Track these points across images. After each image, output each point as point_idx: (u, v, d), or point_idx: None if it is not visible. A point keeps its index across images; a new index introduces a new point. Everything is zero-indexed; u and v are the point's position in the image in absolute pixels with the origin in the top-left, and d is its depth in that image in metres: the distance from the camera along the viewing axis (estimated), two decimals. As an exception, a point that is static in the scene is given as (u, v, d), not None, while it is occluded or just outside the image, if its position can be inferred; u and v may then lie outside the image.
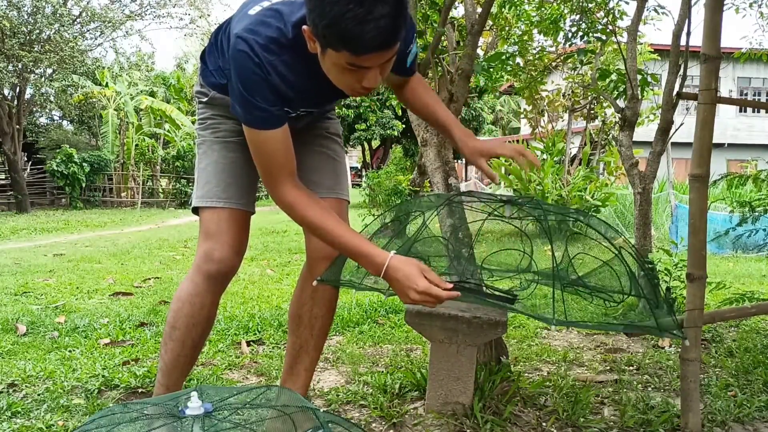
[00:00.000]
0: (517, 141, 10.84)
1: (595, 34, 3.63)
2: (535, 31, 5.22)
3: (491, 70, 3.18)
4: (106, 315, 3.47)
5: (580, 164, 10.21)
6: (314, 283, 1.67)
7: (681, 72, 2.52)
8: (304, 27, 1.33)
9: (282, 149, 1.47)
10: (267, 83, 1.39)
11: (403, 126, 22.26)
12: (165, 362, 1.70)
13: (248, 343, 2.93)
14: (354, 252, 1.48)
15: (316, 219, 1.48)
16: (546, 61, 7.69)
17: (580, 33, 3.62)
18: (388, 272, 1.43)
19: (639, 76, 3.59)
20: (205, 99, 1.73)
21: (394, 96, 1.88)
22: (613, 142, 10.60)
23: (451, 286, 1.42)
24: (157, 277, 5.04)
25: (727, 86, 20.53)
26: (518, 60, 5.86)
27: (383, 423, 1.96)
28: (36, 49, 14.76)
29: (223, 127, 1.72)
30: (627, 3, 3.91)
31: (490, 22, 5.06)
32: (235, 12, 1.60)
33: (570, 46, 4.04)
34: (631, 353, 2.84)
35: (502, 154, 1.66)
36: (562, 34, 4.45)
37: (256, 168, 1.77)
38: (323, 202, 1.54)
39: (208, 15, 20.43)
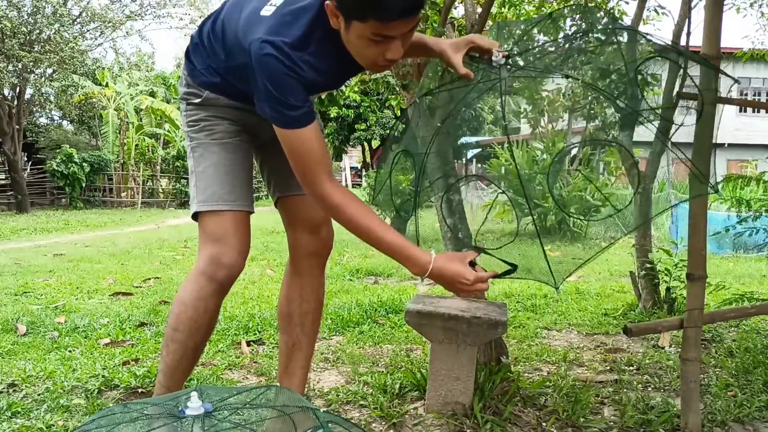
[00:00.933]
0: (518, 141, 10.84)
1: (595, 35, 3.63)
2: (535, 30, 5.22)
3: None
4: (106, 315, 3.47)
5: (580, 164, 10.21)
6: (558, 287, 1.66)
7: (681, 72, 2.52)
8: (327, 2, 1.34)
9: (318, 145, 1.46)
10: (300, 82, 1.40)
11: (403, 126, 22.25)
12: (166, 364, 1.69)
13: (248, 343, 2.93)
14: (398, 253, 1.46)
15: (364, 220, 1.46)
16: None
17: (580, 33, 3.61)
18: (434, 273, 1.44)
19: (639, 76, 3.59)
20: (197, 100, 1.68)
21: (393, 96, 1.88)
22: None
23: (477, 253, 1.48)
24: (157, 277, 5.03)
25: (727, 86, 20.51)
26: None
27: (383, 423, 1.96)
28: (36, 49, 14.76)
29: (219, 128, 1.69)
30: (627, 3, 3.91)
31: (490, 22, 5.06)
32: (228, 9, 1.57)
33: (570, 45, 4.03)
34: (631, 353, 2.84)
35: (479, 43, 1.60)
36: (562, 34, 4.45)
37: (251, 168, 1.77)
38: (364, 204, 1.51)
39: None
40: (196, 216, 1.69)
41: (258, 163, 1.88)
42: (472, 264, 1.47)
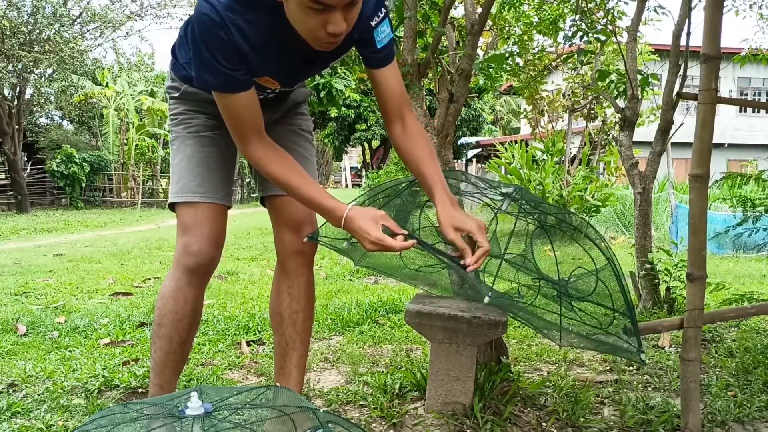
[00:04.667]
0: (517, 141, 10.85)
1: (594, 35, 3.64)
2: (534, 30, 5.23)
3: (491, 70, 3.18)
4: (106, 315, 3.47)
5: (580, 164, 10.21)
6: (304, 239, 1.72)
7: (681, 72, 2.52)
8: None
9: (248, 110, 1.49)
10: (230, 45, 1.39)
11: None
12: (155, 361, 1.70)
13: (248, 343, 2.93)
14: (317, 205, 1.52)
15: (282, 174, 1.51)
16: (546, 61, 7.69)
17: (580, 33, 3.62)
18: (347, 223, 1.47)
19: (639, 76, 3.59)
20: (176, 94, 1.73)
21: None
22: (613, 142, 10.60)
23: (405, 233, 1.48)
24: (157, 277, 5.03)
25: (727, 86, 20.52)
26: (518, 60, 5.85)
27: (383, 423, 1.96)
28: (36, 49, 14.76)
29: (196, 121, 1.73)
30: (626, 3, 3.91)
31: (490, 22, 5.06)
32: None
33: (570, 46, 4.05)
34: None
35: (467, 229, 1.54)
36: (561, 34, 4.46)
37: (231, 162, 1.79)
38: (291, 159, 1.55)
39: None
40: (173, 208, 1.74)
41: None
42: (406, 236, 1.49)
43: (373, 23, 1.51)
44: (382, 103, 1.66)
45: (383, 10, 1.53)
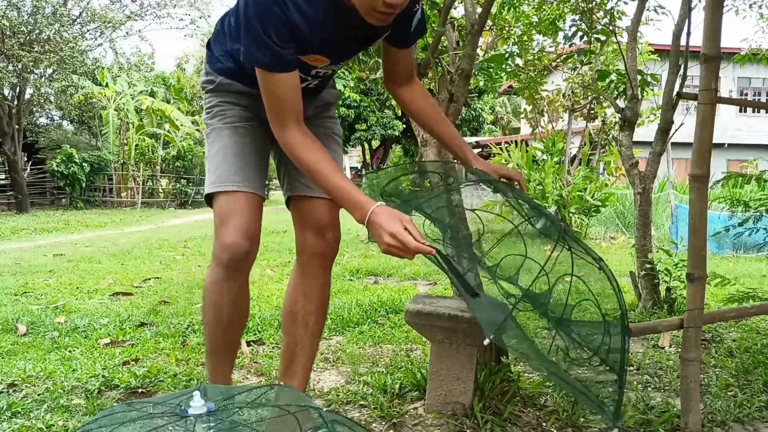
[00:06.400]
0: (517, 141, 10.84)
1: (594, 35, 3.64)
2: (534, 30, 5.23)
3: (491, 70, 3.18)
4: (106, 315, 3.47)
5: (580, 164, 10.21)
6: (485, 342, 1.53)
7: (681, 72, 2.52)
8: None
9: (290, 92, 1.49)
10: (285, 21, 1.40)
11: (404, 126, 22.27)
12: (206, 346, 1.77)
13: (248, 343, 2.93)
14: (343, 197, 1.49)
15: (313, 161, 1.50)
16: (546, 61, 7.69)
17: (580, 33, 3.62)
18: (371, 217, 1.43)
19: (639, 76, 3.60)
20: (211, 87, 1.75)
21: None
22: (613, 142, 10.60)
23: (427, 243, 1.44)
24: (157, 277, 5.03)
25: (727, 86, 20.52)
26: (518, 60, 5.86)
27: (383, 423, 1.96)
28: (36, 49, 14.76)
29: (231, 113, 1.74)
30: (626, 3, 3.92)
31: (490, 22, 5.06)
32: None
33: (570, 46, 4.05)
34: (631, 353, 2.84)
35: (506, 174, 1.81)
36: (561, 34, 4.46)
37: (265, 153, 1.79)
38: (325, 150, 1.54)
39: (209, 16, 20.41)
40: (210, 202, 1.71)
41: (275, 160, 1.90)
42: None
43: (414, 8, 1.58)
44: (391, 70, 1.75)
45: (420, 2, 1.61)
